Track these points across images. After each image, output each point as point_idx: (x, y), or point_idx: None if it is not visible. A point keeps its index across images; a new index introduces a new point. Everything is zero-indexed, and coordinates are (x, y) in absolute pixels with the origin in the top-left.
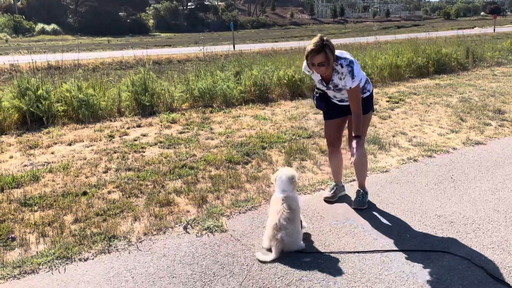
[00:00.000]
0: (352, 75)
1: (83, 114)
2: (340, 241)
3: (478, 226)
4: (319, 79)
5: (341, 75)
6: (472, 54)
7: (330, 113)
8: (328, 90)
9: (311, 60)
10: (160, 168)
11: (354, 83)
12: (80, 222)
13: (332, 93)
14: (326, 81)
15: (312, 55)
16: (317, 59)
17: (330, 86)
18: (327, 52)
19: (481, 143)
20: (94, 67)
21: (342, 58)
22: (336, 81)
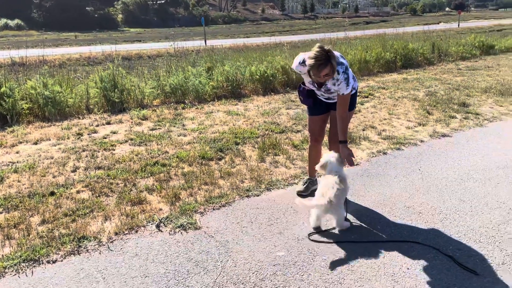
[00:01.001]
0: (347, 83)
1: (50, 112)
2: (313, 234)
3: (445, 216)
4: (310, 80)
5: (336, 81)
6: (437, 49)
7: (316, 109)
8: (318, 91)
9: (317, 73)
10: (131, 166)
11: (347, 90)
12: (47, 223)
13: (321, 93)
14: (318, 83)
15: (319, 69)
16: (324, 71)
17: (322, 89)
18: (332, 63)
19: (447, 135)
20: (60, 63)
21: (339, 64)
22: (329, 86)
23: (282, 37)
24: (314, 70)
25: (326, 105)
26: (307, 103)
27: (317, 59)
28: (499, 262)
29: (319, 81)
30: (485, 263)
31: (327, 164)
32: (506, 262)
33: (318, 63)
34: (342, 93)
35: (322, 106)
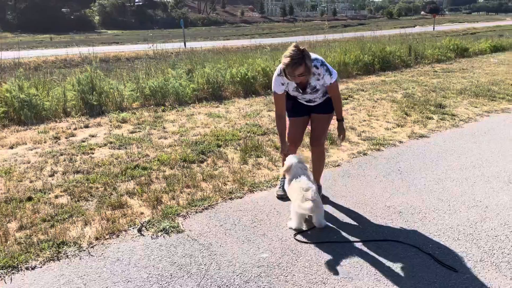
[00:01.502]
0: (330, 72)
1: (26, 116)
2: (297, 235)
3: (424, 215)
4: (293, 87)
5: (319, 76)
6: (414, 51)
7: (295, 111)
8: (304, 94)
9: (292, 72)
10: (111, 169)
11: (333, 79)
12: (25, 229)
13: (306, 96)
14: (302, 87)
15: (294, 68)
16: (298, 71)
17: (307, 90)
18: (307, 62)
19: (424, 136)
20: (36, 65)
21: (314, 59)
22: (314, 83)
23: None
24: (289, 69)
25: (306, 108)
26: (286, 107)
27: (292, 57)
28: (477, 259)
29: (295, 81)
30: (464, 260)
31: (291, 167)
32: (484, 259)
33: (293, 61)
34: (329, 82)
35: (302, 108)
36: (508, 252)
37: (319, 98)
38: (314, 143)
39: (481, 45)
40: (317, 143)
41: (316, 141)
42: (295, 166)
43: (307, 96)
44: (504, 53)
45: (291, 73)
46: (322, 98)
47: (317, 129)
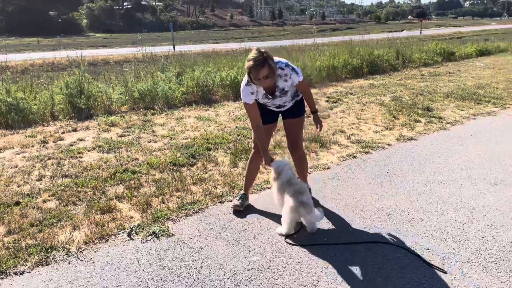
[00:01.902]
0: (296, 71)
1: (13, 119)
2: (288, 237)
3: (413, 217)
4: (262, 94)
5: (286, 76)
6: (401, 55)
7: (263, 119)
8: (274, 100)
9: (256, 75)
10: (100, 173)
11: (300, 77)
12: (13, 234)
13: (276, 101)
14: (270, 91)
15: (257, 70)
16: (262, 72)
17: (276, 94)
18: (270, 63)
19: (412, 138)
20: (23, 69)
21: (277, 62)
22: (281, 85)
23: (251, 43)
24: (253, 72)
25: (273, 114)
26: None
27: (255, 60)
28: (464, 259)
29: (263, 86)
30: (452, 261)
31: (281, 172)
32: (472, 259)
33: (255, 64)
34: (298, 81)
35: (269, 115)
36: (495, 252)
37: (289, 102)
38: (293, 149)
39: (467, 49)
40: (295, 147)
41: (294, 146)
42: (284, 170)
43: (277, 101)
44: (490, 57)
45: (256, 76)
46: (292, 101)
47: (293, 134)
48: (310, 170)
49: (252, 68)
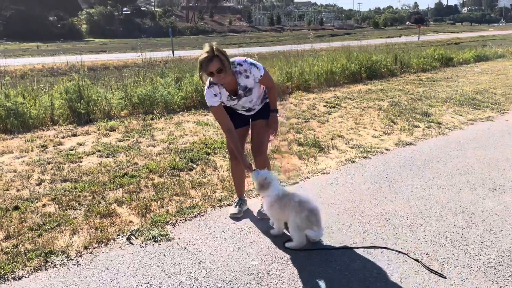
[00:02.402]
0: (256, 66)
1: (12, 124)
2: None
3: (412, 221)
4: (227, 96)
5: (246, 73)
6: (400, 61)
7: (234, 123)
8: (239, 100)
9: (207, 69)
10: (99, 178)
11: (261, 71)
12: (12, 239)
13: (242, 102)
14: (233, 91)
15: (206, 63)
16: (213, 66)
17: (240, 93)
18: (220, 57)
19: (411, 143)
20: (22, 74)
21: (234, 61)
22: (243, 82)
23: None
24: (204, 67)
25: (245, 118)
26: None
27: (203, 55)
28: (464, 264)
29: (220, 82)
30: (451, 266)
31: (270, 183)
32: (471, 264)
33: (205, 57)
34: (260, 75)
35: (240, 119)
36: (494, 257)
37: (258, 105)
38: (257, 152)
39: (465, 55)
40: (259, 150)
41: (259, 149)
42: (273, 183)
43: (245, 103)
44: (488, 63)
45: (207, 70)
46: (261, 104)
47: (259, 136)
48: (308, 175)
49: (203, 63)
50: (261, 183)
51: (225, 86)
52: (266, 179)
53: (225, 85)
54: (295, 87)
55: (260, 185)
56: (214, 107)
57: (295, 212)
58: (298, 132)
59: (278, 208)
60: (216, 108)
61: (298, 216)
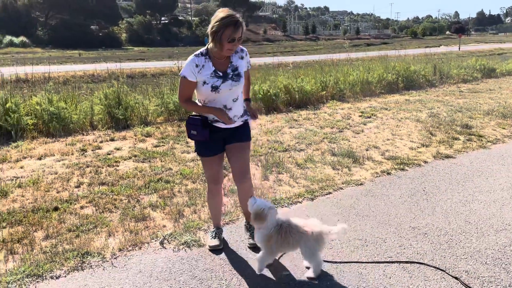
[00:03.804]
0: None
1: (54, 128)
2: None
3: (450, 237)
4: (211, 72)
5: (242, 53)
6: (439, 71)
7: (212, 147)
8: (223, 82)
9: (230, 33)
10: (135, 182)
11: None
12: (51, 239)
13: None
14: (223, 68)
15: (236, 27)
16: (239, 32)
17: (228, 72)
18: (242, 24)
19: (450, 156)
20: (64, 80)
21: None
22: (236, 62)
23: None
24: (229, 28)
25: (221, 140)
26: (202, 136)
27: (233, 16)
28: (506, 284)
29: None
30: (492, 285)
31: (266, 213)
32: None
33: (235, 20)
34: (250, 63)
35: (217, 142)
36: None
37: (239, 115)
38: (242, 178)
39: (509, 66)
40: (245, 176)
41: (243, 175)
42: (271, 212)
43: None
44: None
45: (231, 35)
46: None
47: (242, 160)
48: (342, 186)
49: (231, 24)
50: (258, 214)
51: (216, 62)
52: (264, 211)
53: (217, 59)
54: (329, 96)
55: (256, 215)
56: (185, 79)
57: (304, 238)
58: (332, 142)
59: (280, 240)
60: (186, 81)
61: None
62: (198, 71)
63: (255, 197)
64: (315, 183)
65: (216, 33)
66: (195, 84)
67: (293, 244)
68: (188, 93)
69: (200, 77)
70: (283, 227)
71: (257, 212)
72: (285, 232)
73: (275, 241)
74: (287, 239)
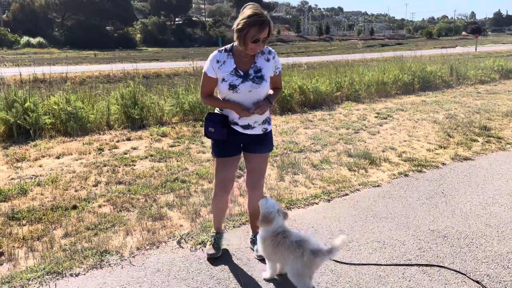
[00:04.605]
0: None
1: (72, 127)
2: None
3: (471, 240)
4: (232, 70)
5: (269, 55)
6: (456, 72)
7: (228, 149)
8: (243, 82)
9: (257, 32)
10: (152, 181)
11: (281, 67)
12: (70, 237)
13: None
14: (244, 68)
15: (262, 27)
16: (265, 32)
17: (250, 73)
18: (270, 23)
19: (469, 158)
20: (81, 80)
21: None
22: (260, 63)
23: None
24: (255, 28)
25: (239, 143)
26: (220, 135)
27: (260, 15)
28: None
29: (252, 51)
30: None
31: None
32: None
33: (262, 19)
34: (280, 68)
35: (234, 144)
36: None
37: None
38: (256, 187)
39: None
40: (258, 186)
41: (258, 185)
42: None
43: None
44: None
45: (256, 34)
46: (262, 125)
47: (259, 171)
48: (359, 187)
49: (257, 24)
50: (265, 216)
51: (239, 60)
52: (271, 214)
53: (241, 57)
54: (344, 97)
55: (263, 217)
56: (206, 74)
57: (293, 256)
58: (348, 143)
59: (270, 247)
60: (206, 76)
61: (299, 260)
62: (218, 67)
63: (267, 198)
64: (331, 184)
65: (241, 31)
66: (215, 81)
67: (281, 258)
68: (208, 89)
69: (220, 73)
70: (278, 235)
71: (265, 214)
72: (278, 242)
73: (266, 246)
74: (277, 249)
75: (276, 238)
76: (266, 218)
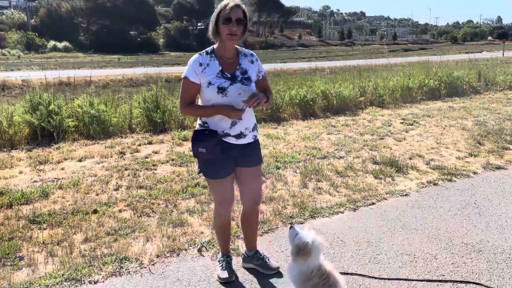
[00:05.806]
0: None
1: (94, 130)
2: (363, 268)
3: (509, 255)
4: (217, 72)
5: (252, 57)
6: (484, 77)
7: (223, 168)
8: (231, 85)
9: (230, 13)
10: (173, 186)
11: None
12: (90, 242)
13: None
14: (230, 70)
15: (233, 7)
16: (238, 13)
17: (237, 74)
18: (245, 11)
19: (502, 167)
20: (104, 84)
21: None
22: (245, 65)
23: (319, 62)
24: (228, 12)
25: (233, 158)
26: (213, 154)
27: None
28: None
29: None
30: None
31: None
32: None
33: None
34: (263, 72)
35: (229, 161)
36: None
37: (250, 128)
38: (255, 203)
39: None
40: (257, 201)
41: (257, 200)
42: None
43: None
44: None
45: (230, 14)
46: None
47: (256, 185)
48: (386, 196)
49: (224, 6)
50: (300, 248)
51: (223, 62)
52: (307, 245)
53: (224, 59)
54: (368, 102)
55: (298, 249)
56: (187, 80)
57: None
58: (373, 150)
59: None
60: (188, 82)
61: None
62: (202, 70)
63: (295, 228)
64: (357, 193)
65: (215, 23)
66: (198, 87)
67: None
68: (190, 96)
69: (204, 77)
70: (323, 271)
71: (299, 246)
72: (325, 277)
73: (313, 285)
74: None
75: (322, 276)
76: (301, 251)
